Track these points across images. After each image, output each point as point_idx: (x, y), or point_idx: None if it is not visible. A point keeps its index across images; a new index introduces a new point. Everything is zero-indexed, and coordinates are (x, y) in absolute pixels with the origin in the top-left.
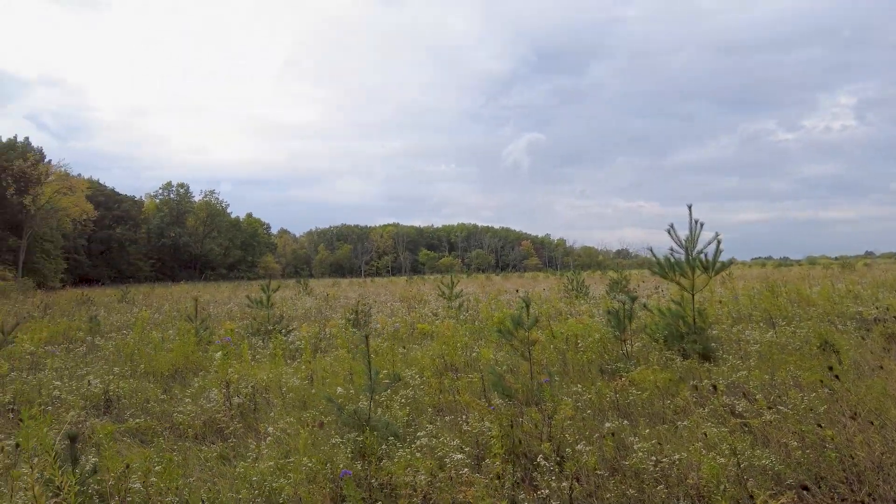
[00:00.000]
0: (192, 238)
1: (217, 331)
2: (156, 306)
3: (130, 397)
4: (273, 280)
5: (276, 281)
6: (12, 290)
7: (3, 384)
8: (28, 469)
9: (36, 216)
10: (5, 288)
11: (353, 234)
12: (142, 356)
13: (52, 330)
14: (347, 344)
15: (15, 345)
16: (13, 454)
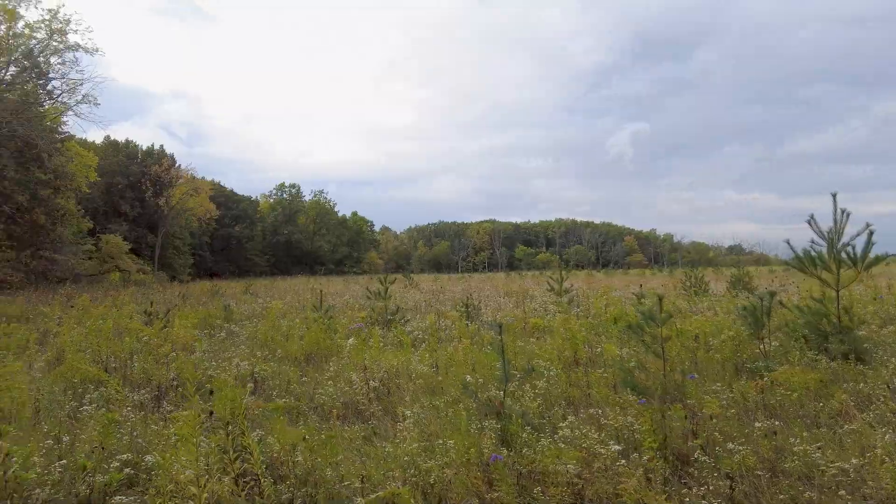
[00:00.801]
0: (304, 235)
1: (340, 320)
2: (278, 297)
3: (273, 379)
4: (377, 275)
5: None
6: (151, 282)
7: (167, 363)
8: (224, 434)
9: (168, 216)
10: (145, 280)
11: (450, 230)
12: (277, 342)
13: (195, 317)
14: (467, 335)
15: (170, 329)
16: (207, 420)
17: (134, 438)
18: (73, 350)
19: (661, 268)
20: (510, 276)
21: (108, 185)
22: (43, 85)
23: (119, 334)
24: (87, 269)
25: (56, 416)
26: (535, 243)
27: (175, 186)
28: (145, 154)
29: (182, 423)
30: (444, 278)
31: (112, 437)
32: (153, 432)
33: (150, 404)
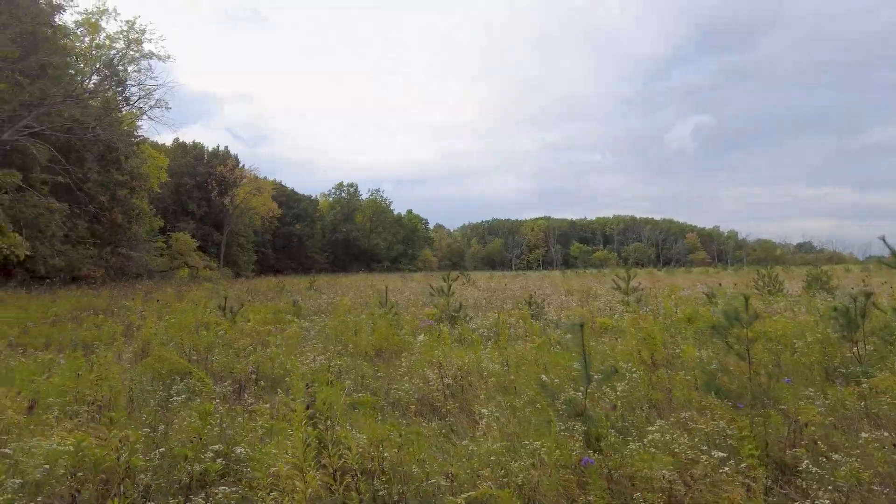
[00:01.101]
0: (361, 233)
1: (404, 316)
2: (340, 294)
3: (347, 373)
4: (431, 272)
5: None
6: (217, 278)
7: (245, 356)
8: (323, 427)
9: (233, 214)
10: (212, 276)
11: (504, 227)
12: (347, 337)
13: (266, 312)
14: (537, 334)
15: (242, 322)
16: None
17: (224, 430)
18: (157, 342)
19: (725, 266)
20: (566, 274)
21: (177, 185)
22: (121, 92)
23: (197, 328)
24: (159, 266)
25: (147, 405)
26: (592, 241)
27: (239, 186)
28: (211, 155)
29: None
30: (499, 276)
31: (208, 427)
32: (239, 424)
33: (232, 396)
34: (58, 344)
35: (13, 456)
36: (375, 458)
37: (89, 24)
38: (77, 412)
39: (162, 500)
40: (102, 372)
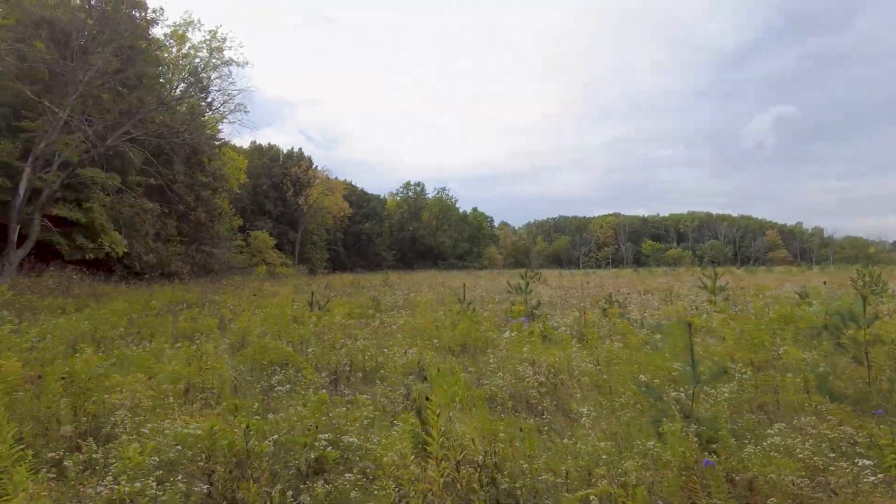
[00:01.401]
0: (427, 231)
1: (481, 313)
2: (413, 290)
3: (434, 367)
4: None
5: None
6: (293, 274)
7: (338, 348)
8: (433, 416)
9: (307, 214)
10: (288, 273)
11: (571, 225)
12: (430, 333)
13: (350, 307)
14: (628, 333)
15: (328, 317)
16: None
17: (331, 419)
18: (254, 334)
19: (810, 265)
20: (639, 272)
21: (254, 185)
22: (204, 98)
23: (288, 322)
24: (239, 263)
25: (251, 393)
26: (665, 238)
27: (312, 186)
28: (286, 157)
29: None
30: (568, 274)
31: (322, 416)
32: (342, 413)
33: (329, 387)
34: (161, 335)
35: (149, 436)
36: (488, 453)
37: (177, 35)
38: (193, 398)
39: (283, 485)
40: (209, 361)
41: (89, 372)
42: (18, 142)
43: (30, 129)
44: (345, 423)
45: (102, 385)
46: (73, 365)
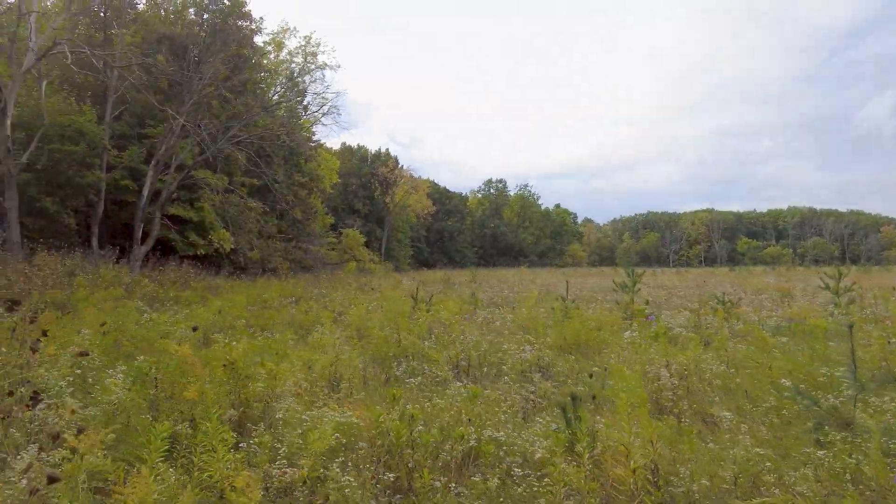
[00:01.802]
0: (508, 228)
1: (585, 311)
2: (505, 287)
3: (553, 367)
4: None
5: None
6: (381, 271)
7: (453, 343)
8: (585, 415)
9: (393, 212)
10: (376, 269)
11: (661, 221)
12: (539, 331)
13: (452, 303)
14: (755, 333)
15: (434, 311)
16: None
17: (463, 414)
18: (369, 327)
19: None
20: (735, 271)
21: (344, 185)
22: (300, 101)
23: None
24: (331, 259)
25: (379, 383)
26: (762, 235)
27: (398, 185)
28: (373, 157)
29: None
30: (659, 272)
31: (475, 409)
32: (479, 408)
33: (451, 381)
34: (279, 326)
35: (311, 423)
36: (649, 456)
37: (275, 42)
38: (335, 387)
39: (434, 477)
40: (339, 353)
41: (247, 359)
42: (143, 147)
43: (152, 136)
44: (486, 415)
45: (260, 373)
46: (232, 353)
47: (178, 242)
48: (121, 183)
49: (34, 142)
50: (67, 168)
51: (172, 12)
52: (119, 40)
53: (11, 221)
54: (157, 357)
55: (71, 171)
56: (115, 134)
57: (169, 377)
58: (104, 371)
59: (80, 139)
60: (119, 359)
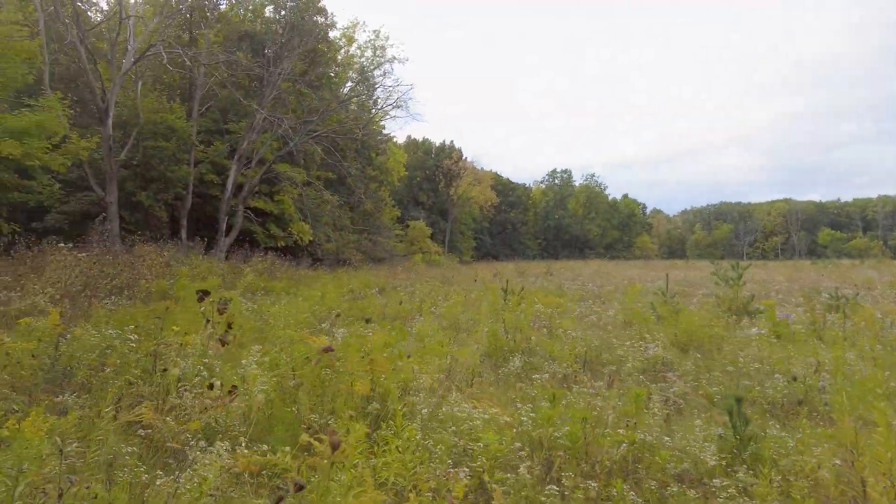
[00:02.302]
0: (573, 220)
1: (685, 305)
2: (581, 279)
3: (678, 366)
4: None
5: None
6: (445, 262)
7: (561, 338)
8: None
9: (456, 204)
10: (440, 261)
11: (734, 212)
12: (648, 326)
13: (536, 294)
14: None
15: (526, 304)
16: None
17: (609, 414)
18: (464, 319)
19: None
20: (818, 263)
21: (409, 178)
22: (370, 95)
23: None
24: (399, 251)
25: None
26: (847, 226)
27: (462, 177)
28: (438, 150)
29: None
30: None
31: (620, 409)
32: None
33: (564, 382)
34: (374, 316)
35: (445, 420)
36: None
37: (345, 36)
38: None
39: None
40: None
41: (383, 352)
42: (226, 142)
43: (234, 132)
44: (633, 418)
45: (399, 365)
46: (365, 343)
47: (260, 234)
48: (206, 177)
49: (130, 139)
50: (159, 163)
51: (251, 10)
52: (205, 40)
53: (112, 215)
54: (283, 346)
55: (162, 166)
56: (200, 130)
57: (311, 370)
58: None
59: (171, 135)
60: (245, 348)
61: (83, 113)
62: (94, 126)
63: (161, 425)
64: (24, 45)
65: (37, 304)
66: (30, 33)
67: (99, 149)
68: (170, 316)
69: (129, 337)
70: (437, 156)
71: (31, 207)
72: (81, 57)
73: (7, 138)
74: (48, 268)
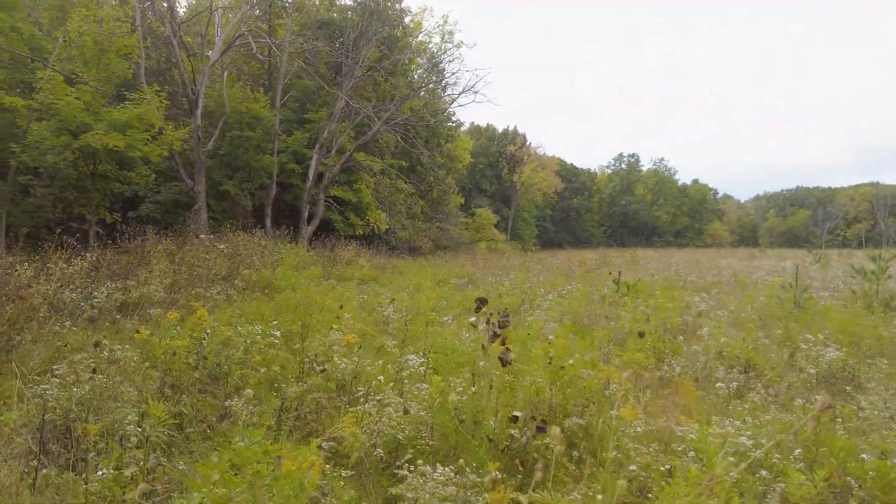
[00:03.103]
0: (641, 206)
1: (818, 300)
2: (672, 270)
3: (861, 372)
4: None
5: (878, 252)
6: (506, 250)
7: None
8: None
9: (519, 191)
10: (505, 249)
11: (811, 197)
12: (786, 323)
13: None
14: None
15: (644, 299)
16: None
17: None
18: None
19: None
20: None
21: (472, 164)
22: (439, 81)
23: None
24: (465, 238)
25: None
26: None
27: (525, 164)
28: (501, 136)
29: None
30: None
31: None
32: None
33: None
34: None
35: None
36: None
37: (414, 23)
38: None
39: None
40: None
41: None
42: (305, 132)
43: (314, 121)
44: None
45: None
46: (551, 348)
47: (339, 222)
48: (286, 166)
49: (217, 129)
50: (244, 153)
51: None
52: (287, 28)
53: (201, 204)
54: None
55: (247, 155)
56: (281, 120)
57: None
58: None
59: (256, 125)
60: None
61: (171, 105)
62: (182, 118)
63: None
64: (125, 41)
65: (152, 294)
66: (128, 29)
67: (188, 139)
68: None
69: (273, 333)
70: (501, 142)
71: (125, 197)
72: (174, 49)
73: (112, 131)
74: (153, 257)
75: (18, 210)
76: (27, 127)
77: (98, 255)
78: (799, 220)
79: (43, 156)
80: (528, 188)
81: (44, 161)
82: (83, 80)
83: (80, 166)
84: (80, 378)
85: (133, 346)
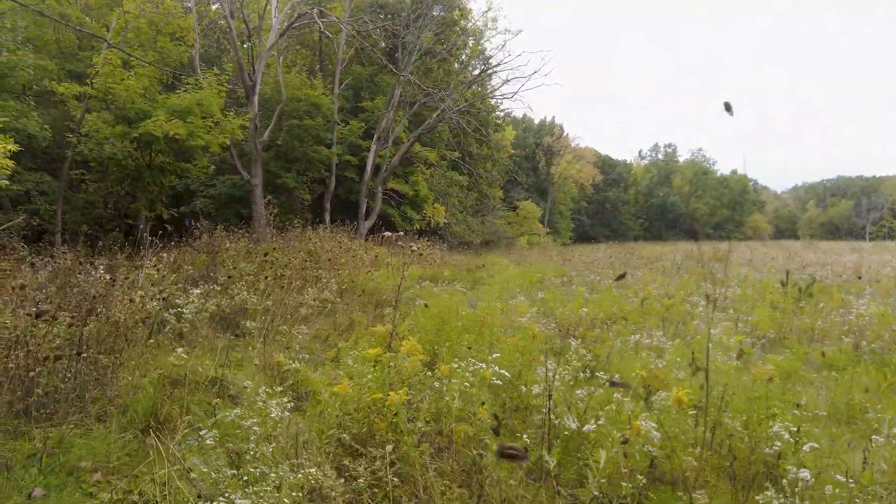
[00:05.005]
0: (678, 198)
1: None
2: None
3: None
4: (765, 241)
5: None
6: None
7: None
8: None
9: (556, 183)
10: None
11: (854, 187)
12: None
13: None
14: None
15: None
16: None
17: None
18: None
19: None
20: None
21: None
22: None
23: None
24: (509, 232)
25: None
26: None
27: (562, 155)
28: (538, 127)
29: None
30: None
31: None
32: None
33: None
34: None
35: None
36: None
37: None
38: None
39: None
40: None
41: None
42: (360, 121)
43: (370, 109)
44: None
45: None
46: None
47: (396, 217)
48: (343, 158)
49: (273, 118)
50: (300, 144)
51: None
52: (345, 9)
53: (257, 198)
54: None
55: (304, 146)
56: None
57: None
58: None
59: (315, 113)
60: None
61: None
62: (236, 107)
63: None
64: (180, 22)
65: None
66: (182, 10)
67: (244, 129)
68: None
69: (502, 373)
70: (538, 133)
71: (175, 192)
72: (231, 31)
73: (172, 118)
74: (229, 257)
75: (69, 206)
76: (81, 117)
77: (175, 255)
78: (840, 211)
79: (101, 146)
80: (565, 180)
81: (102, 152)
82: (144, 61)
83: (137, 157)
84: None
85: (267, 380)
